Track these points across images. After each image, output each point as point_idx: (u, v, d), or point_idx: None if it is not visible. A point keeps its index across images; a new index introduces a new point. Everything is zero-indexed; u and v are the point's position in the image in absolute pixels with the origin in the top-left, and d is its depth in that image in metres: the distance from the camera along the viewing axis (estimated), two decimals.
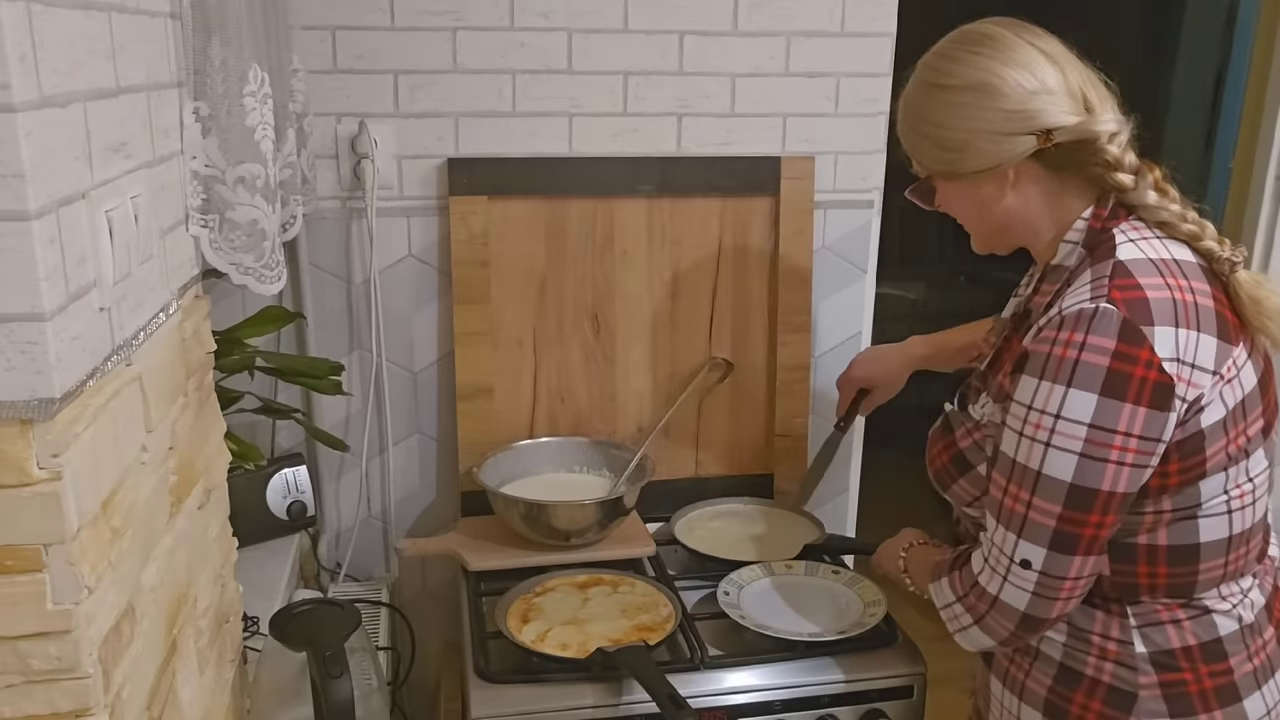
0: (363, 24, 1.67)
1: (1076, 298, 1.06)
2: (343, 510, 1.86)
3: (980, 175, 1.12)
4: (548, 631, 1.44)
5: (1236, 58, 3.48)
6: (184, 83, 1.07)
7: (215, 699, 1.13)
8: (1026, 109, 1.08)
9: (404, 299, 1.79)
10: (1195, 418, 1.04)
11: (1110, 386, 1.01)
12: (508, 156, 1.76)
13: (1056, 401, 1.03)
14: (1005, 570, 1.10)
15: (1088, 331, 1.02)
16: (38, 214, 0.69)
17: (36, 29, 0.70)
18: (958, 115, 1.11)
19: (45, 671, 0.75)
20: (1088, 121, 1.07)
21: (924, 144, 1.16)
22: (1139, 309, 1.02)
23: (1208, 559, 1.11)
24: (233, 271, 1.19)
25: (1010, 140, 1.09)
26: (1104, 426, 1.02)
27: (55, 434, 0.72)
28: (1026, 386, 1.06)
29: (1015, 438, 1.08)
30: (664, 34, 1.76)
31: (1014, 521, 1.08)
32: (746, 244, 1.86)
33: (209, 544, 1.14)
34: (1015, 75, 1.08)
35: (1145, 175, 1.10)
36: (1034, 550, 1.07)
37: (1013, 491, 1.08)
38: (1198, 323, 1.04)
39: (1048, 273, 1.17)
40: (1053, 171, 1.12)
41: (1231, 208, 2.10)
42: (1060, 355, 1.03)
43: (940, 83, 1.12)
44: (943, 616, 1.21)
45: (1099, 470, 1.03)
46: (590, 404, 1.87)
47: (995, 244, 1.22)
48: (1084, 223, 1.12)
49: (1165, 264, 1.07)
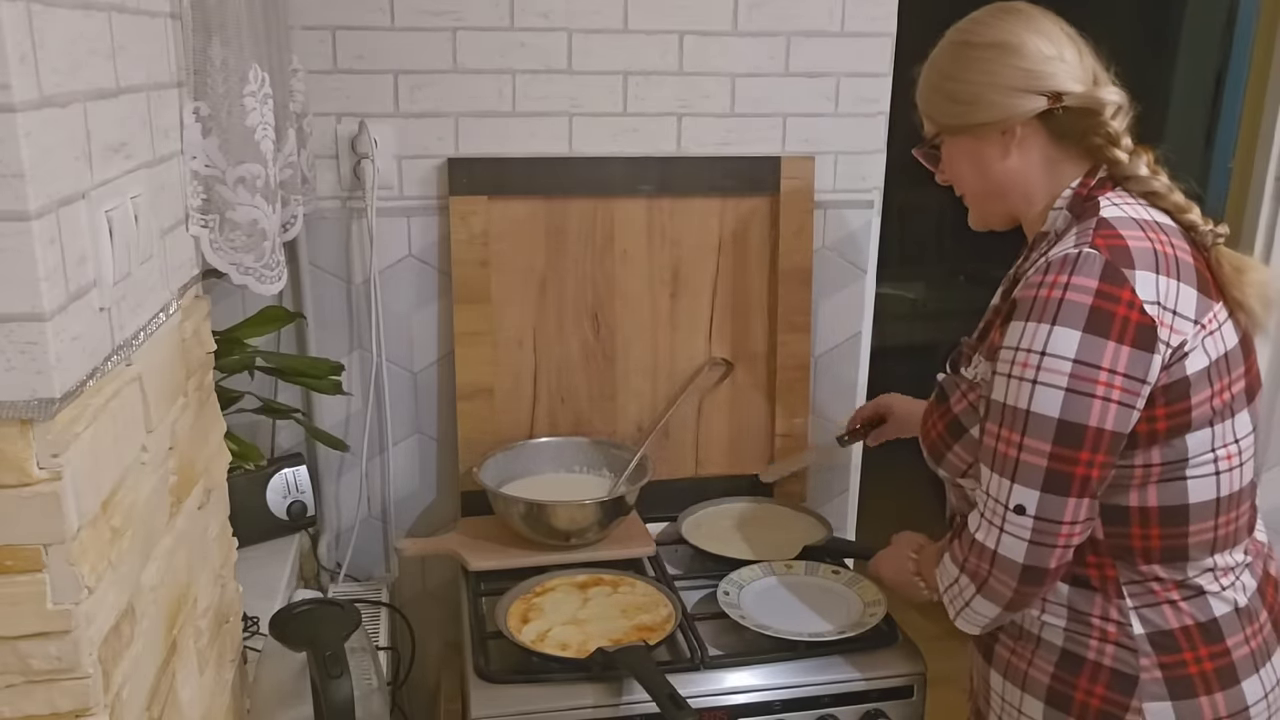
0: (363, 24, 1.67)
1: (1062, 248, 1.10)
2: (343, 510, 1.86)
3: (987, 128, 1.17)
4: (548, 631, 1.44)
5: (1236, 58, 3.48)
6: (184, 83, 1.07)
7: (215, 699, 1.13)
8: (1041, 70, 1.14)
9: (404, 299, 1.79)
10: (1180, 363, 1.07)
11: (1094, 324, 1.04)
12: (508, 156, 1.76)
13: (1041, 339, 1.06)
14: (1001, 519, 1.11)
15: (1071, 273, 1.06)
16: (38, 214, 0.69)
17: (36, 29, 0.70)
18: (976, 69, 1.16)
19: (45, 671, 0.75)
20: (1094, 91, 1.14)
21: (937, 98, 1.21)
22: (1121, 254, 1.06)
23: (1197, 520, 1.12)
24: (233, 271, 1.19)
25: (1021, 96, 1.14)
26: (1088, 362, 1.04)
27: (55, 434, 0.72)
28: (1014, 331, 1.10)
29: (1004, 381, 1.10)
30: (664, 34, 1.76)
31: (1006, 466, 1.10)
32: (746, 244, 1.86)
33: (209, 544, 1.14)
34: (1036, 40, 1.14)
35: (1140, 155, 1.16)
36: (1028, 494, 1.09)
37: (1004, 436, 1.10)
38: (1178, 273, 1.08)
39: (1035, 241, 1.21)
40: (1054, 138, 1.17)
41: (1231, 208, 2.10)
42: (1045, 296, 1.07)
43: (966, 40, 1.19)
44: (945, 601, 1.21)
45: (1086, 405, 1.05)
46: (590, 404, 1.87)
47: (991, 210, 1.26)
48: (1071, 190, 1.17)
49: (1147, 223, 1.12)
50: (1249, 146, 2.04)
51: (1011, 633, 1.21)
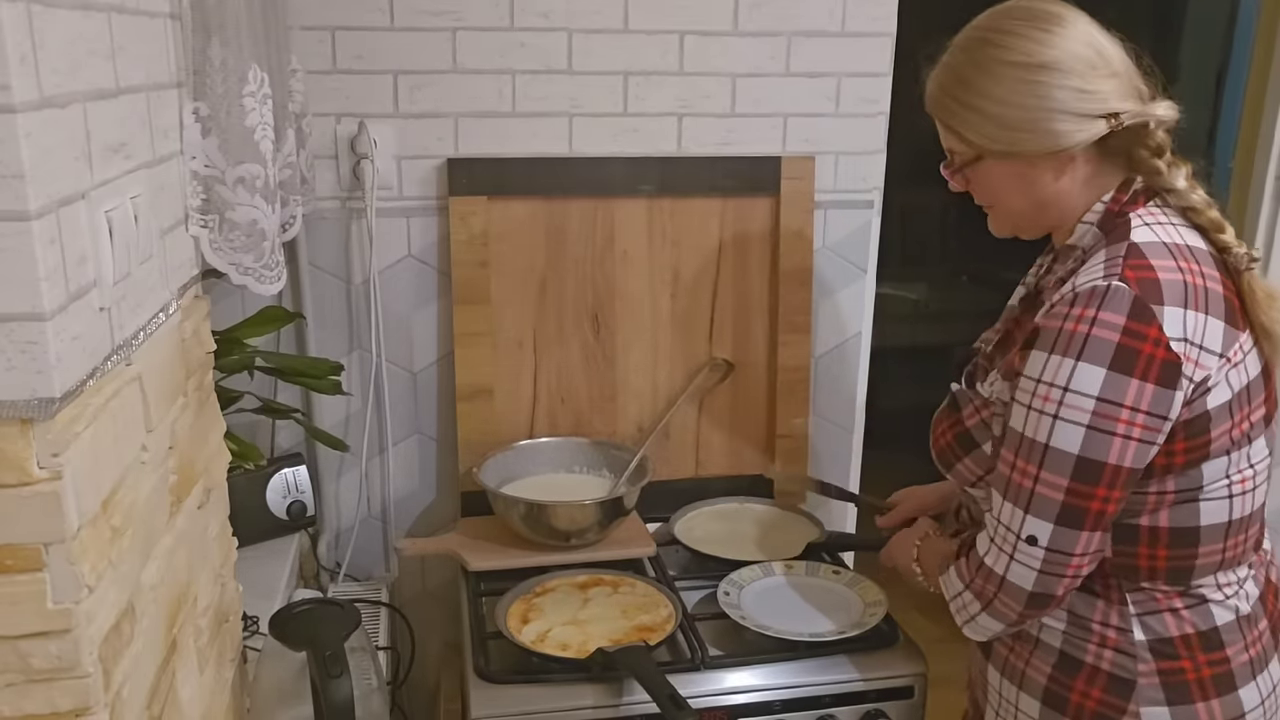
0: (362, 24, 1.67)
1: (1090, 275, 1.07)
2: (343, 510, 1.86)
3: (1043, 157, 1.11)
4: (548, 632, 1.44)
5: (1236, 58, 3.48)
6: (184, 83, 1.07)
7: (215, 698, 1.13)
8: (1097, 90, 1.08)
9: (404, 299, 1.79)
10: (1202, 399, 1.05)
11: (1119, 361, 1.02)
12: (508, 157, 1.76)
13: (1065, 374, 1.04)
14: (1012, 548, 1.09)
15: (1099, 308, 1.03)
16: (38, 214, 0.69)
17: (36, 29, 0.70)
18: (1027, 92, 1.08)
19: (45, 670, 0.75)
20: (1151, 107, 1.09)
21: (975, 118, 1.12)
22: (1150, 288, 1.03)
23: (1207, 543, 1.11)
24: (232, 272, 1.19)
25: (1081, 122, 1.08)
26: (1111, 400, 1.02)
27: (55, 433, 0.72)
28: (1036, 361, 1.07)
29: (1024, 412, 1.08)
30: (664, 34, 1.76)
31: (1021, 496, 1.08)
32: (746, 244, 1.86)
33: (209, 543, 1.14)
34: (1086, 53, 1.08)
35: (1179, 166, 1.12)
36: (1041, 526, 1.07)
37: (1020, 466, 1.08)
38: (1206, 306, 1.05)
39: (1060, 254, 1.18)
40: (1103, 155, 1.12)
41: (1232, 208, 2.10)
42: (1071, 330, 1.04)
43: (1009, 59, 1.09)
44: (951, 609, 1.21)
45: (1106, 443, 1.04)
46: (590, 404, 1.87)
47: (1026, 226, 1.20)
48: (1102, 205, 1.13)
49: (1178, 248, 1.08)
50: (1249, 146, 2.04)
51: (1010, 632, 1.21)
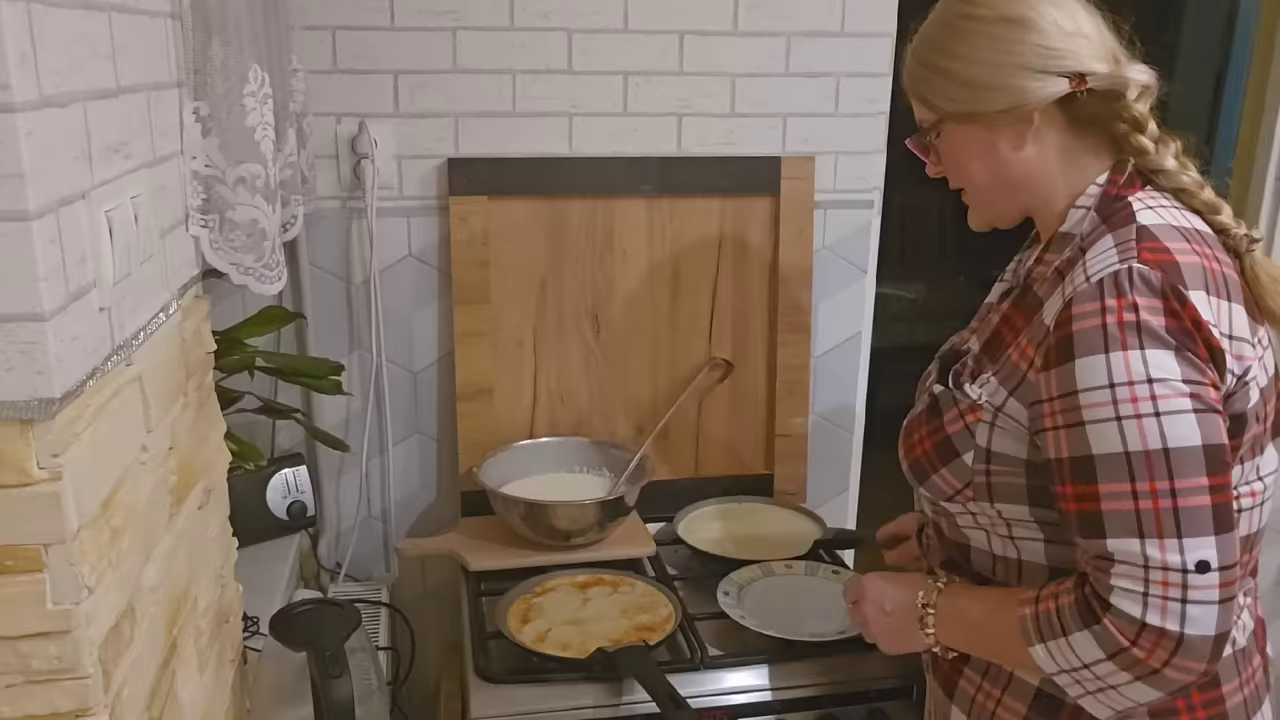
0: (363, 24, 1.67)
1: (1102, 263, 0.96)
2: (343, 510, 1.86)
3: (1002, 116, 1.03)
4: (548, 632, 1.44)
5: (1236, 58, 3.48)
6: (184, 83, 1.07)
7: (215, 699, 1.13)
8: (1063, 48, 1.01)
9: (404, 299, 1.79)
10: (1243, 396, 0.96)
11: (1181, 341, 0.92)
12: (508, 156, 1.76)
13: (1140, 368, 0.91)
14: (1182, 590, 0.90)
15: (1132, 293, 0.93)
16: (38, 214, 0.69)
17: (36, 29, 0.70)
18: (988, 48, 1.03)
19: (45, 671, 0.75)
20: (1121, 69, 1.02)
21: (940, 81, 1.07)
22: (1173, 270, 0.94)
23: None
24: (233, 271, 1.19)
25: (1040, 78, 1.01)
26: (1194, 379, 0.92)
27: (55, 434, 0.72)
28: (1090, 368, 0.93)
29: (1111, 427, 0.92)
30: (664, 34, 1.76)
31: (1167, 523, 0.91)
32: (746, 244, 1.86)
33: (209, 544, 1.14)
34: (1053, 13, 1.02)
35: (1167, 143, 1.04)
36: (1205, 544, 0.90)
37: (1144, 490, 0.91)
38: (1228, 291, 0.97)
39: (1054, 242, 1.08)
40: (1074, 126, 1.04)
41: (1232, 207, 2.10)
42: (1117, 321, 0.92)
43: (971, 14, 1.04)
44: (1067, 681, 0.98)
45: (1215, 423, 0.92)
46: (590, 404, 1.87)
47: (1001, 208, 1.12)
48: (1098, 188, 1.05)
49: (1189, 232, 1.00)
50: (1249, 146, 2.04)
51: (979, 667, 1.10)
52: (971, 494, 1.08)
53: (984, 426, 1.05)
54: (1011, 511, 1.06)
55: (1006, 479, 1.05)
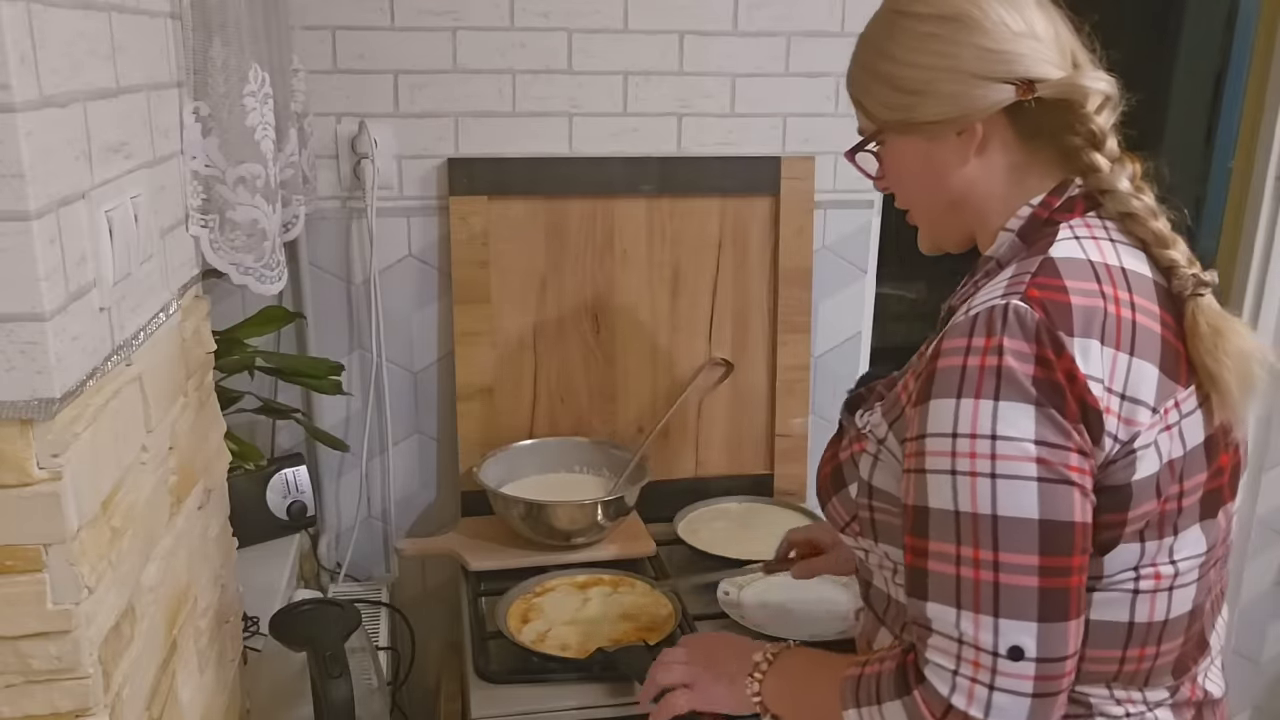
0: (363, 24, 1.67)
1: (987, 295, 0.86)
2: (343, 510, 1.86)
3: (942, 127, 0.92)
4: (548, 632, 1.44)
5: (1236, 58, 3.48)
6: (184, 83, 1.07)
7: (215, 699, 1.13)
8: (1008, 50, 0.89)
9: (404, 299, 1.79)
10: (1127, 465, 0.83)
11: (1045, 395, 0.80)
12: (508, 156, 1.76)
13: (988, 420, 0.80)
14: (991, 675, 0.81)
15: (1003, 334, 0.82)
16: (38, 214, 0.69)
17: (36, 29, 0.70)
18: (924, 49, 0.91)
19: (45, 671, 0.75)
20: (1077, 76, 0.89)
21: (876, 86, 0.96)
22: (1060, 313, 0.82)
23: (1097, 645, 0.88)
24: (233, 271, 1.19)
25: (984, 85, 0.89)
26: (1052, 442, 0.80)
27: (55, 434, 0.72)
28: (941, 412, 0.83)
29: (946, 482, 0.82)
30: (664, 34, 1.76)
31: (984, 597, 0.81)
32: (746, 244, 1.86)
33: (209, 544, 1.14)
34: (1000, 10, 0.90)
35: (1125, 165, 0.91)
36: (1023, 629, 0.80)
37: (969, 556, 0.81)
38: (1132, 345, 0.84)
39: (977, 266, 0.97)
40: (1024, 139, 0.93)
41: (1231, 208, 2.10)
42: (978, 365, 0.82)
43: (907, 10, 0.93)
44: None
45: (1066, 496, 0.81)
46: (590, 404, 1.87)
47: (945, 230, 1.02)
48: (1029, 209, 0.93)
49: (1109, 270, 0.87)
50: (1249, 146, 2.04)
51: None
52: (858, 528, 1.00)
53: (868, 458, 0.97)
54: (896, 554, 0.96)
55: (887, 517, 0.96)
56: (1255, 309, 2.04)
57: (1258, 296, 2.03)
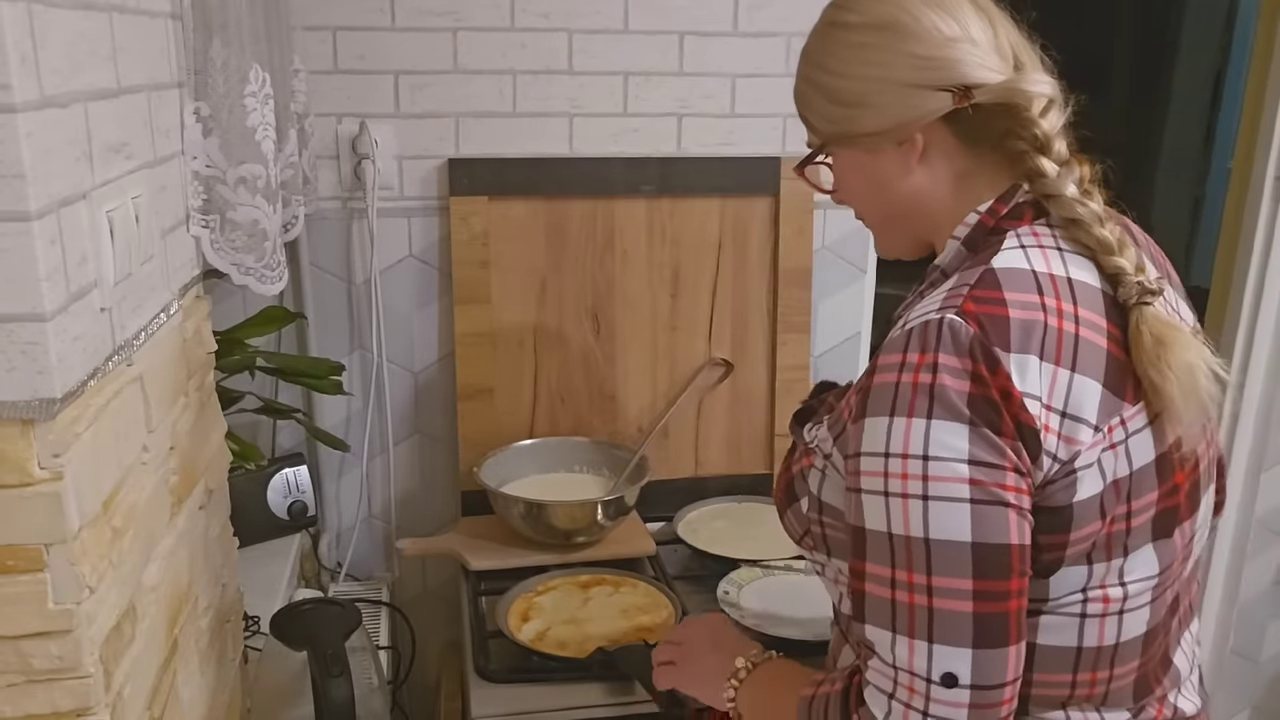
0: (364, 24, 1.67)
1: (924, 308, 0.84)
2: (343, 510, 1.86)
3: (880, 139, 0.90)
4: (546, 630, 1.44)
5: (1236, 58, 3.48)
6: (185, 83, 1.07)
7: (216, 698, 1.13)
8: (942, 56, 0.86)
9: (404, 299, 1.79)
10: (1067, 486, 0.81)
11: (979, 413, 0.78)
12: (508, 157, 1.76)
13: (920, 440, 0.78)
14: (924, 701, 0.79)
15: (936, 350, 0.79)
16: (38, 214, 0.70)
17: (37, 29, 0.70)
18: (857, 60, 0.89)
19: (46, 671, 0.75)
20: (1016, 80, 0.86)
21: (816, 99, 0.94)
22: (996, 327, 0.80)
23: (1045, 669, 0.86)
24: (234, 272, 1.19)
25: (919, 94, 0.87)
26: (986, 461, 0.78)
27: (56, 434, 0.72)
28: (875, 431, 0.81)
29: (879, 503, 0.81)
30: (664, 34, 1.76)
31: (918, 623, 0.79)
32: (746, 244, 1.86)
33: (210, 544, 1.14)
34: (932, 16, 0.87)
35: (1072, 168, 0.88)
36: (957, 656, 0.78)
37: (903, 580, 0.80)
38: (1074, 360, 0.81)
39: (925, 276, 0.96)
40: (967, 145, 0.90)
41: (1231, 208, 2.10)
42: (911, 382, 0.79)
43: (839, 20, 0.91)
44: None
45: (1001, 517, 0.78)
46: (590, 404, 1.87)
47: (897, 240, 1.00)
48: (976, 216, 0.90)
49: (1053, 281, 0.84)
50: (1249, 146, 2.04)
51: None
52: (812, 543, 0.98)
53: (816, 473, 0.95)
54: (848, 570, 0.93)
55: (837, 533, 0.93)
56: (1254, 309, 2.04)
57: (1257, 297, 2.03)
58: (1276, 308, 2.04)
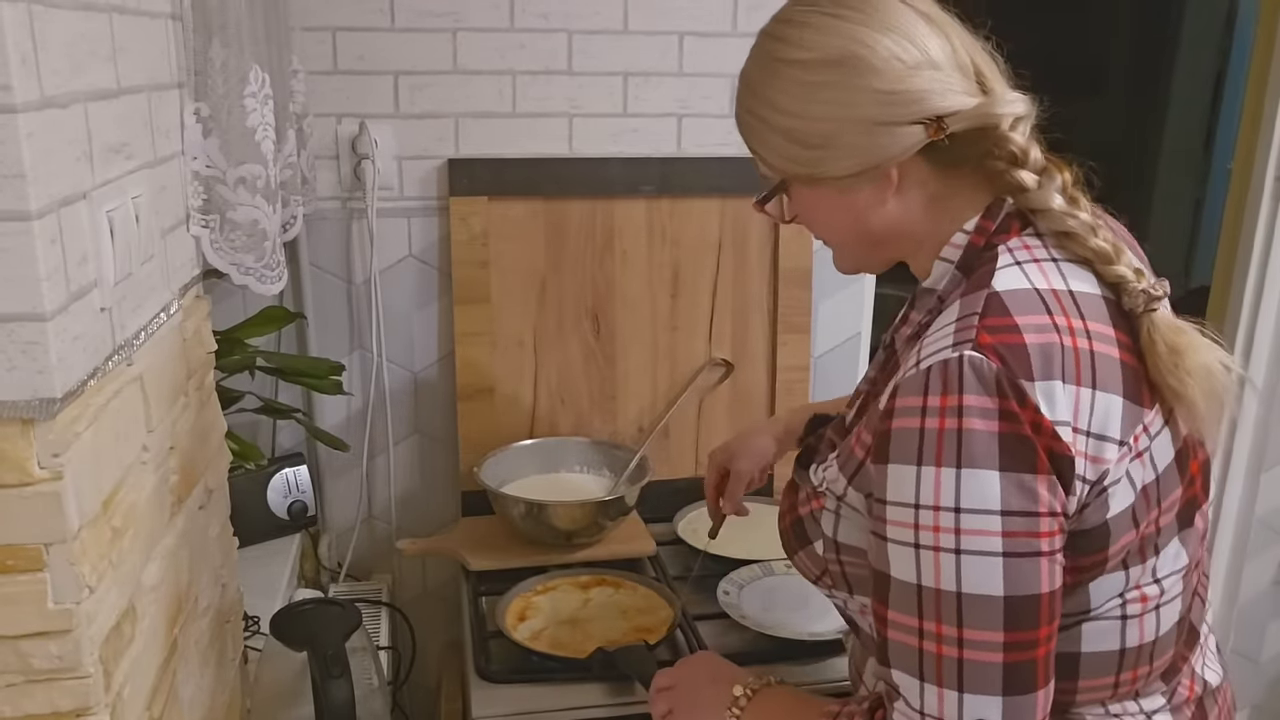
0: (363, 25, 1.67)
1: (937, 344, 0.80)
2: (343, 510, 1.86)
3: (853, 180, 0.87)
4: (543, 630, 1.44)
5: (1236, 58, 3.49)
6: (184, 83, 1.07)
7: (216, 699, 1.13)
8: (907, 89, 0.82)
9: (404, 299, 1.79)
10: (1101, 504, 0.80)
11: (1010, 456, 0.76)
12: (508, 157, 1.77)
13: (950, 491, 0.76)
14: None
15: (960, 391, 0.77)
16: (39, 214, 0.70)
17: (37, 30, 0.70)
18: (816, 100, 0.85)
19: (46, 671, 0.75)
20: (988, 104, 0.83)
21: (774, 138, 0.89)
22: (1017, 357, 0.77)
23: (1090, 674, 0.87)
24: (233, 272, 1.19)
25: (888, 132, 0.84)
26: (1021, 510, 0.76)
27: (56, 433, 0.73)
28: (900, 479, 0.79)
29: (908, 554, 0.79)
30: (663, 34, 1.76)
31: (949, 673, 0.78)
32: (746, 244, 1.86)
33: (210, 544, 1.14)
34: (888, 44, 0.82)
35: (1053, 175, 0.85)
36: (988, 704, 0.78)
37: (931, 631, 0.79)
38: (1094, 378, 0.79)
39: (918, 297, 0.94)
40: (941, 170, 0.87)
41: (1231, 208, 2.10)
42: (936, 428, 0.77)
43: (787, 56, 0.86)
44: None
45: (1033, 569, 0.77)
46: (590, 404, 1.87)
47: (865, 262, 0.99)
48: (965, 236, 0.88)
49: (1057, 296, 0.82)
50: (1249, 146, 2.04)
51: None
52: (831, 581, 0.97)
53: (829, 515, 0.93)
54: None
55: (859, 570, 0.92)
56: (1254, 309, 2.04)
57: (1256, 297, 2.03)
58: (1276, 307, 2.04)
